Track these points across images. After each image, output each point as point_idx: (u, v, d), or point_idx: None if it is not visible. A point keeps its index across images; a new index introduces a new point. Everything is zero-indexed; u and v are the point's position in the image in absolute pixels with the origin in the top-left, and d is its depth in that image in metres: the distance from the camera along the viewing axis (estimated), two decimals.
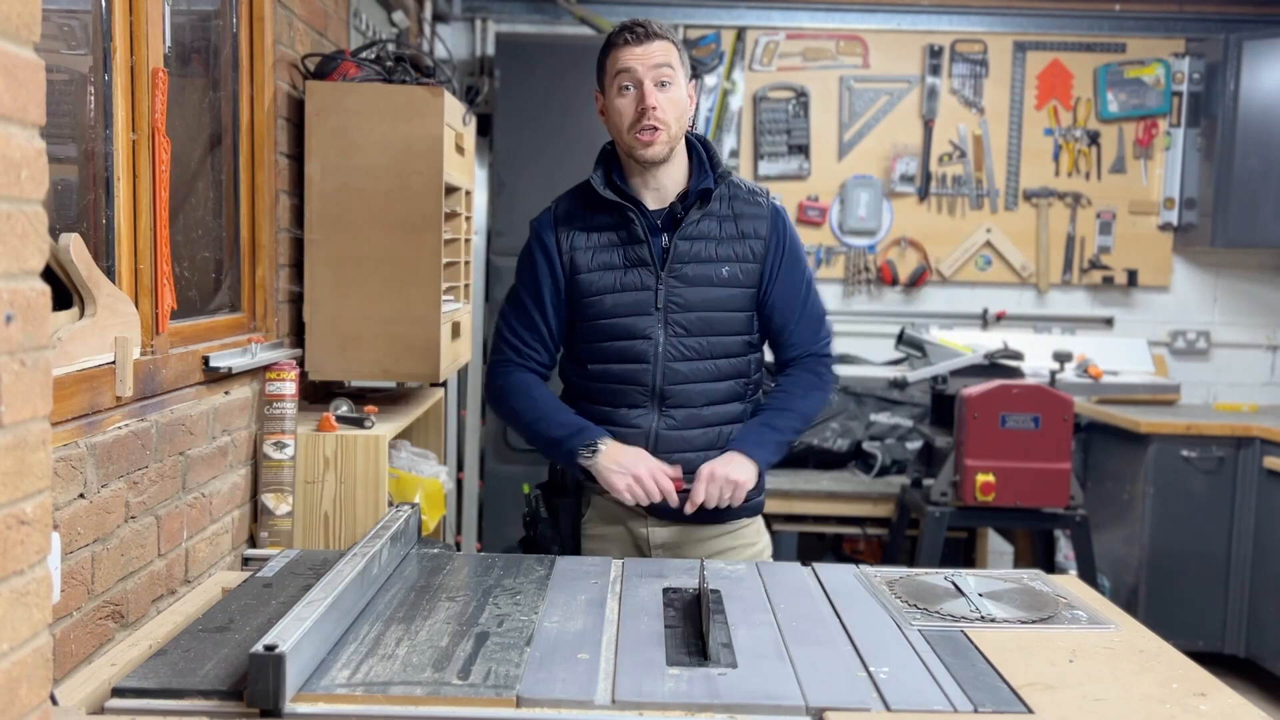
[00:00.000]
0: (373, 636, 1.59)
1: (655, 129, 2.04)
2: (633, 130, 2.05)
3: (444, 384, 3.81)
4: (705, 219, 2.11)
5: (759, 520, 2.28)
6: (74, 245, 1.64)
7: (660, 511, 2.14)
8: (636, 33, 2.05)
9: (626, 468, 2.03)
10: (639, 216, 2.10)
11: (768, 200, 2.18)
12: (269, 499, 2.46)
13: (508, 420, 2.24)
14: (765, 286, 2.15)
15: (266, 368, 2.45)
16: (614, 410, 2.13)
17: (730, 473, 2.05)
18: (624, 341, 2.11)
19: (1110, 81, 4.81)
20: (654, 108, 2.03)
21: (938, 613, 1.77)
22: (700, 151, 2.16)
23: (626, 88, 2.05)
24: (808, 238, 4.77)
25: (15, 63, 0.97)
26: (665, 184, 2.13)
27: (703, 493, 2.04)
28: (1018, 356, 3.99)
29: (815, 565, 2.07)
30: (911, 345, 4.24)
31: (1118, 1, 4.78)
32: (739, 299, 2.13)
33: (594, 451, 2.05)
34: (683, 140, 2.13)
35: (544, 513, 2.21)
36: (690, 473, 2.09)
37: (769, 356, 2.27)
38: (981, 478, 3.53)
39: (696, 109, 2.25)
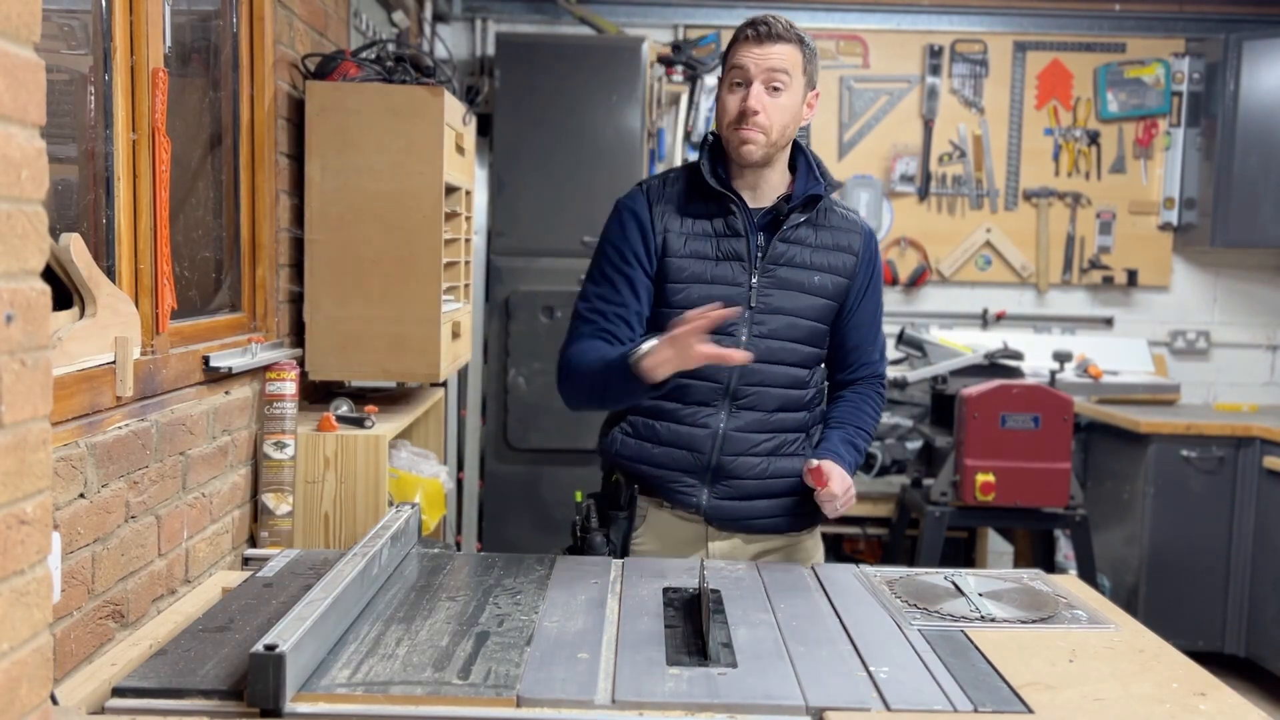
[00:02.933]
0: (373, 636, 1.59)
1: (753, 131, 1.98)
2: (732, 127, 2.00)
3: (444, 384, 3.81)
4: (804, 225, 2.07)
5: (817, 532, 2.24)
6: (74, 245, 1.64)
7: (724, 518, 2.10)
8: (760, 30, 1.97)
9: (665, 343, 1.84)
10: (741, 210, 2.04)
11: (861, 220, 2.15)
12: (269, 499, 2.46)
13: (577, 390, 2.04)
14: (851, 304, 2.12)
15: (267, 368, 2.45)
16: (683, 407, 2.06)
17: (853, 488, 2.04)
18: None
19: (1110, 81, 4.81)
20: (756, 111, 1.96)
21: (938, 613, 1.77)
22: (808, 159, 2.11)
23: (738, 84, 1.99)
24: None
25: (15, 63, 0.97)
26: (763, 186, 2.07)
27: (839, 490, 1.98)
28: (1018, 356, 3.99)
29: (815, 565, 2.07)
30: (911, 345, 4.25)
31: (1118, 1, 4.78)
32: (823, 310, 2.08)
33: (643, 353, 1.87)
34: (788, 148, 2.08)
35: (595, 523, 2.13)
36: (745, 477, 2.06)
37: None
38: (981, 478, 3.53)
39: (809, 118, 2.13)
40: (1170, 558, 4.19)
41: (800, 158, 2.11)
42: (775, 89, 1.98)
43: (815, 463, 2.01)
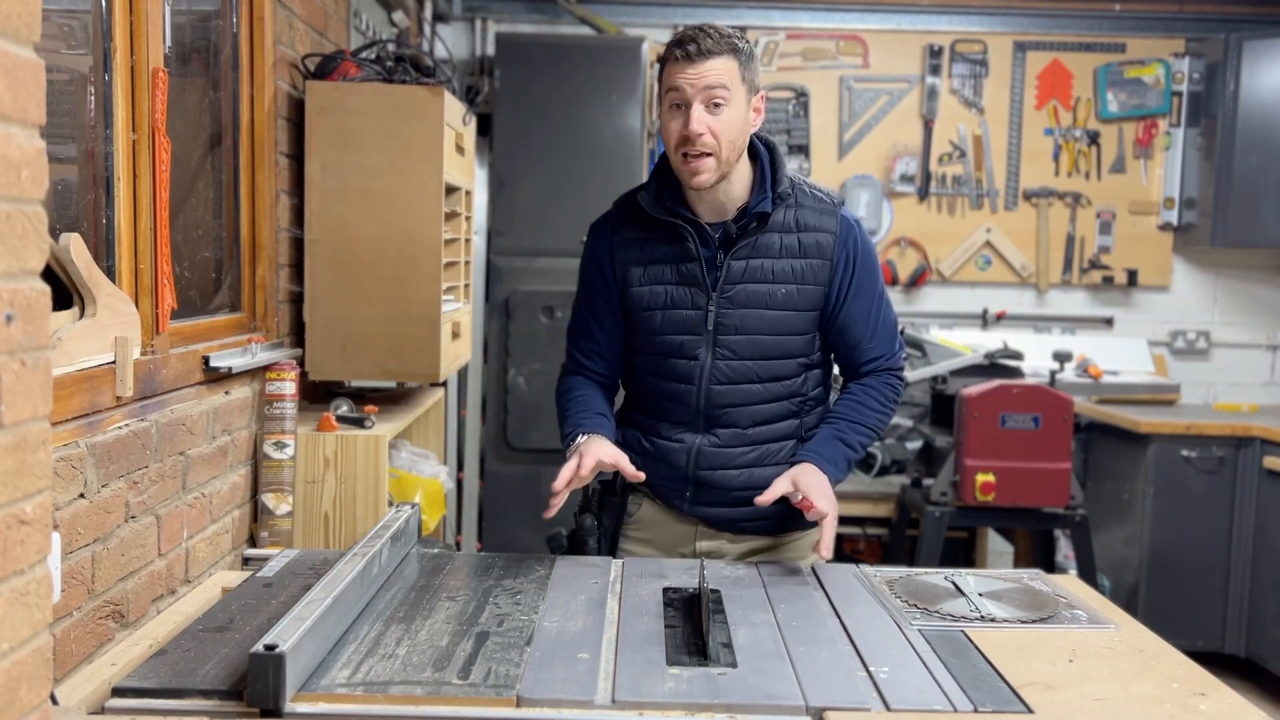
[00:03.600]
0: (373, 636, 1.59)
1: (701, 156, 1.90)
2: (679, 152, 1.93)
3: (444, 384, 3.81)
4: (765, 235, 1.99)
5: (811, 534, 2.18)
6: (74, 245, 1.64)
7: (710, 520, 2.11)
8: (688, 50, 1.88)
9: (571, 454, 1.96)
10: (692, 234, 1.99)
11: (838, 213, 2.04)
12: (269, 499, 2.46)
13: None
14: (833, 308, 2.04)
15: (266, 368, 2.45)
16: (659, 424, 2.08)
17: (829, 493, 1.95)
18: (670, 360, 2.04)
19: (1110, 81, 4.81)
20: (700, 134, 1.88)
21: (938, 613, 1.77)
22: (764, 165, 2.01)
23: (676, 107, 1.92)
24: None
25: (15, 63, 0.97)
26: (722, 200, 2.00)
27: (830, 533, 1.92)
28: (1018, 356, 3.99)
29: (815, 565, 2.06)
30: (911, 345, 4.24)
31: (1118, 1, 4.78)
32: (795, 322, 2.02)
33: (571, 446, 2.01)
34: (744, 153, 1.99)
35: (593, 507, 2.14)
36: (725, 488, 2.05)
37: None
38: (981, 478, 3.53)
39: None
40: (1170, 558, 4.19)
41: (759, 161, 2.03)
42: (716, 105, 1.89)
43: (792, 490, 1.94)
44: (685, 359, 2.03)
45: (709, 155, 1.91)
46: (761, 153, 2.04)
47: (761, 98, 2.00)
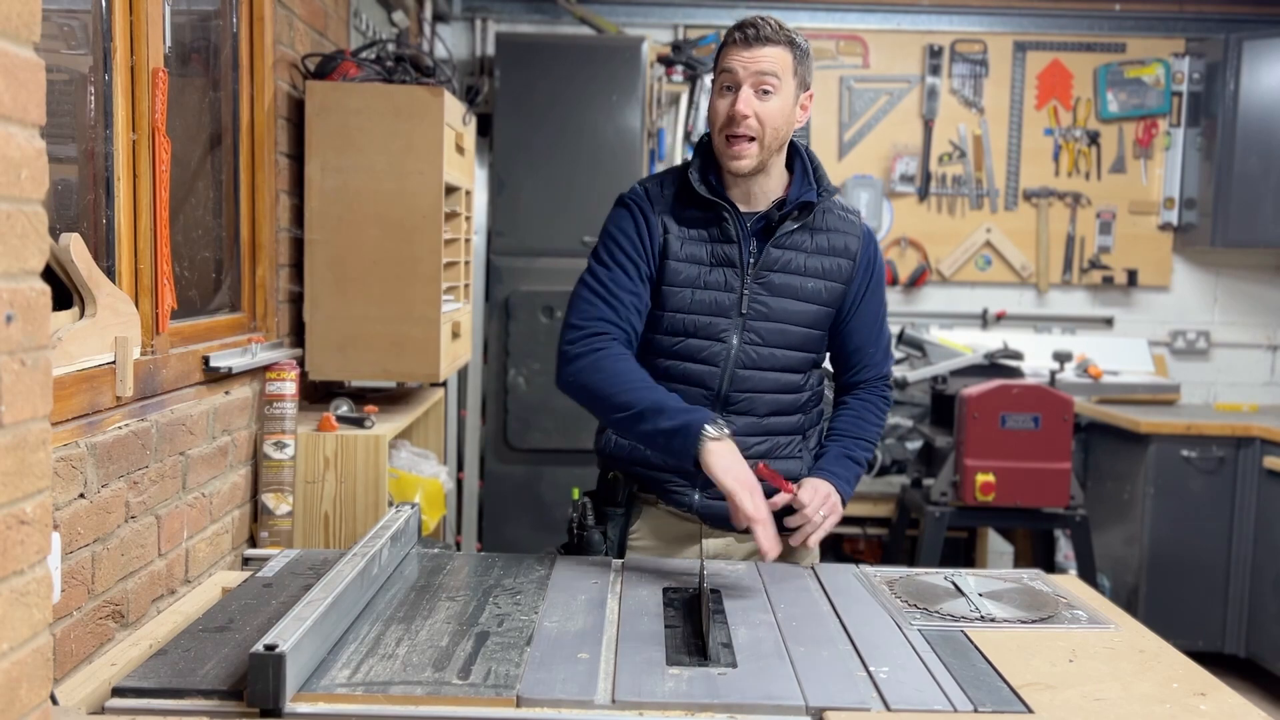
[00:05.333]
0: (373, 636, 1.59)
1: (742, 139, 1.94)
2: (722, 134, 1.97)
3: (444, 384, 3.81)
4: (799, 231, 2.04)
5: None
6: (74, 245, 1.64)
7: (714, 520, 2.08)
8: (747, 34, 1.94)
9: (744, 480, 1.84)
10: (733, 216, 2.02)
11: (860, 221, 2.13)
12: (269, 499, 2.46)
13: (599, 389, 1.95)
14: (848, 308, 2.11)
15: (266, 368, 2.45)
16: None
17: (832, 495, 2.02)
18: (698, 340, 2.03)
19: (1110, 81, 4.81)
20: (745, 116, 1.93)
21: (938, 613, 1.77)
22: (805, 162, 2.07)
23: (727, 88, 1.96)
24: None
25: (15, 63, 0.97)
26: (757, 191, 2.04)
27: (808, 499, 1.97)
28: (1018, 356, 4.00)
29: (815, 565, 2.06)
30: (911, 345, 4.25)
31: (1118, 1, 4.78)
32: (817, 316, 2.07)
33: (717, 434, 1.86)
34: (783, 151, 2.04)
35: (591, 520, 2.12)
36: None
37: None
38: (981, 478, 3.53)
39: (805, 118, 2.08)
40: (1170, 558, 4.19)
41: (797, 160, 2.09)
42: (765, 92, 1.94)
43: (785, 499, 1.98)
44: (712, 340, 2.03)
45: (752, 139, 1.95)
46: (802, 152, 2.09)
47: (810, 97, 2.03)
